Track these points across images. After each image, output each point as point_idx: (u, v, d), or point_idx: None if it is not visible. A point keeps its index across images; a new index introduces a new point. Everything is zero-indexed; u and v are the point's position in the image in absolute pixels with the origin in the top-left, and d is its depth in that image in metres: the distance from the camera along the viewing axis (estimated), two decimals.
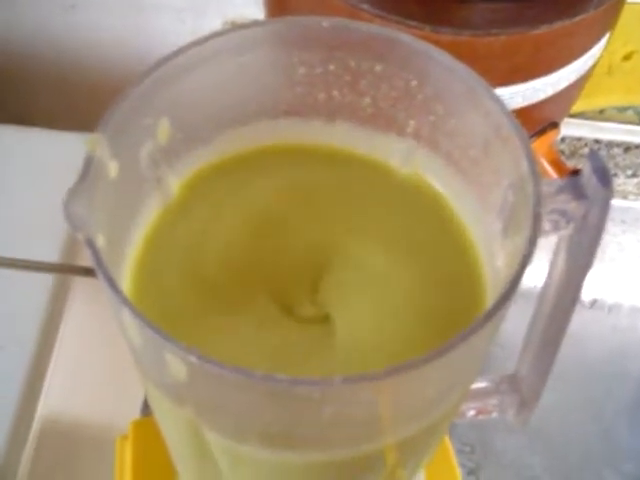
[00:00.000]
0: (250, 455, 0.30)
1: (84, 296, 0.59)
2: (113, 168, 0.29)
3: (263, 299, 0.32)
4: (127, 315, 0.26)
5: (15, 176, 0.65)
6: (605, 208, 0.31)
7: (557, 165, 0.58)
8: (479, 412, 0.41)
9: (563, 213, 0.31)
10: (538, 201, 0.28)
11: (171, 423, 0.33)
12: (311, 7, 0.48)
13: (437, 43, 0.48)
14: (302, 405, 0.27)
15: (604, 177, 0.30)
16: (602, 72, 0.66)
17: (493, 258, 0.33)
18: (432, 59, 0.31)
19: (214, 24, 0.76)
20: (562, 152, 0.72)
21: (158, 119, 0.32)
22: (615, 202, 0.75)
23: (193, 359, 0.25)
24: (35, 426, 0.55)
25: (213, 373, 0.26)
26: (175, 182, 0.34)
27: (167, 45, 0.75)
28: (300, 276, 0.32)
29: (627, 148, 0.73)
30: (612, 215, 0.71)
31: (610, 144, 0.73)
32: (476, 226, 0.33)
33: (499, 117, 0.30)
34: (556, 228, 0.31)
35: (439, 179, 0.34)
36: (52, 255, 0.57)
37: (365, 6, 0.47)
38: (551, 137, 0.57)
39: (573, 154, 0.73)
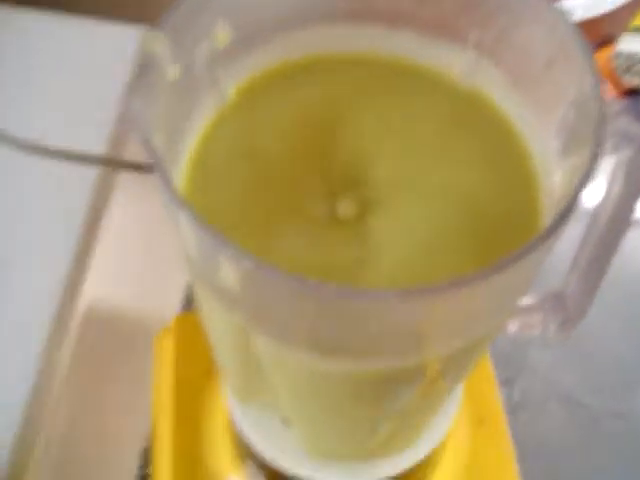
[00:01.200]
0: (295, 360, 0.31)
1: (129, 191, 0.59)
2: (171, 66, 0.29)
3: (313, 200, 0.32)
4: (183, 218, 0.26)
5: (63, 65, 0.65)
6: None
7: (614, 80, 0.57)
8: (521, 328, 0.41)
9: (624, 134, 0.31)
10: (601, 120, 0.28)
11: (218, 324, 0.33)
12: None
13: None
14: (352, 315, 0.27)
15: None
16: None
17: (550, 175, 0.32)
18: None
19: None
20: (617, 67, 0.70)
21: (216, 20, 0.31)
22: None
23: (248, 264, 0.25)
24: (77, 316, 0.56)
25: (266, 279, 0.26)
26: (230, 84, 0.33)
27: None
28: (352, 180, 0.32)
29: None
30: None
31: None
32: (535, 142, 0.33)
33: (564, 32, 0.29)
34: (616, 149, 0.31)
35: (500, 92, 0.34)
36: (99, 147, 0.57)
37: None
38: (608, 51, 0.56)
39: (628, 69, 0.71)
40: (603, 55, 0.55)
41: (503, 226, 0.31)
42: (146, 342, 0.54)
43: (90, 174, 0.55)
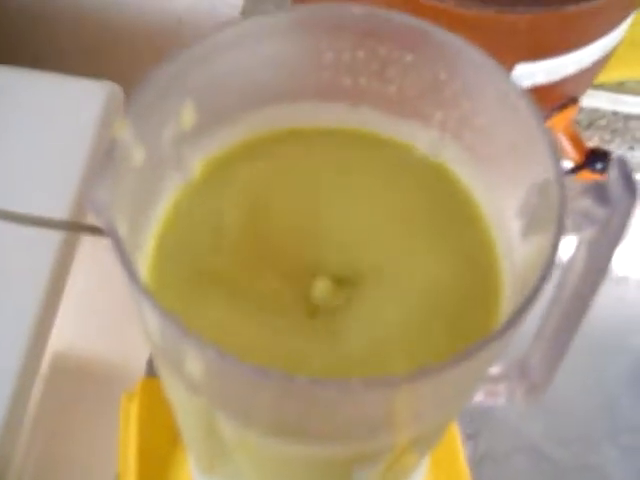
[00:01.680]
0: (260, 442, 0.31)
1: (92, 254, 0.59)
2: (137, 152, 0.29)
3: (278, 283, 0.32)
4: (147, 306, 0.26)
5: (26, 125, 0.64)
6: (628, 215, 0.30)
7: (575, 141, 0.58)
8: (487, 396, 0.41)
9: (586, 215, 0.31)
10: (563, 208, 0.28)
11: (180, 401, 0.33)
12: None
13: (461, 17, 0.48)
14: (317, 404, 0.27)
15: (630, 185, 0.30)
16: (624, 44, 0.66)
17: (512, 253, 0.32)
18: (464, 54, 0.31)
19: None
20: (579, 123, 0.71)
21: (183, 101, 0.31)
22: None
23: (211, 354, 0.25)
24: (43, 368, 0.55)
25: (229, 368, 0.26)
26: (196, 162, 0.33)
27: None
28: (318, 262, 0.32)
29: None
30: None
31: (628, 117, 0.73)
32: (498, 219, 0.33)
33: (529, 119, 0.30)
34: (578, 229, 0.31)
35: (463, 170, 0.34)
36: (62, 212, 0.57)
37: None
38: (571, 113, 0.57)
39: (590, 125, 0.72)
40: (565, 117, 0.56)
41: (468, 310, 0.31)
42: (113, 393, 0.53)
43: (54, 238, 0.55)
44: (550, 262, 0.28)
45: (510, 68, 0.50)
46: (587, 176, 0.58)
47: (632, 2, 0.51)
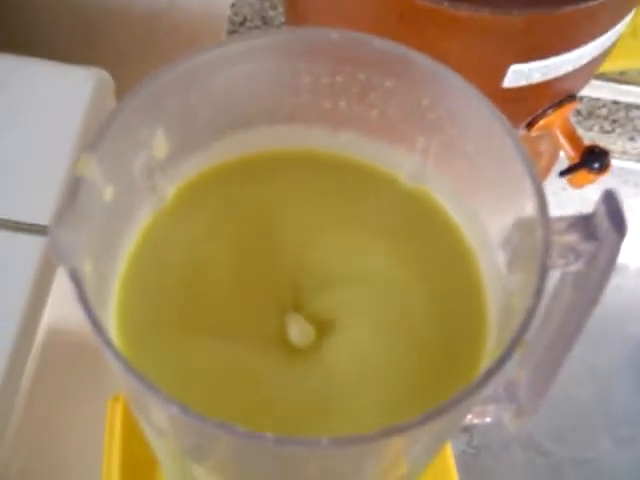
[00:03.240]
0: None
1: None
2: (106, 189, 0.28)
3: (251, 320, 0.31)
4: (112, 358, 0.25)
5: (11, 115, 0.63)
6: (616, 251, 0.29)
7: (572, 139, 0.57)
8: (475, 416, 0.40)
9: (572, 250, 0.30)
10: (547, 249, 0.27)
11: (151, 438, 0.32)
12: None
13: (456, 19, 0.47)
14: (289, 458, 0.26)
15: (617, 220, 0.29)
16: (626, 34, 0.64)
17: (498, 284, 0.31)
18: (446, 81, 0.30)
19: None
20: (579, 112, 0.70)
21: (154, 130, 0.30)
22: (629, 164, 0.73)
23: (174, 410, 0.24)
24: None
25: (194, 424, 0.25)
26: (169, 189, 0.32)
27: None
28: (293, 298, 0.31)
29: None
30: (625, 177, 0.70)
31: (629, 106, 0.71)
32: (481, 250, 0.32)
33: (512, 153, 0.28)
34: (564, 264, 0.30)
35: (446, 198, 0.33)
36: (45, 216, 0.56)
37: None
38: (568, 109, 0.56)
39: (590, 114, 0.71)
40: (563, 114, 0.54)
41: (452, 347, 0.31)
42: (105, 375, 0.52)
43: (38, 243, 0.54)
44: (534, 307, 0.27)
45: (505, 69, 0.48)
46: (584, 176, 0.56)
47: (630, 1, 0.50)
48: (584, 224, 0.29)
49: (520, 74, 0.50)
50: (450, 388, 0.29)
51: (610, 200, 0.29)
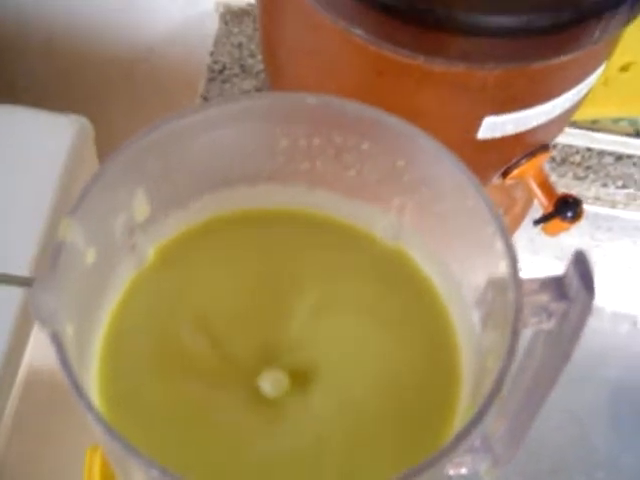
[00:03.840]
0: None
1: None
2: (87, 251, 0.29)
3: (232, 376, 0.31)
4: (93, 421, 0.26)
5: None
6: (586, 310, 0.30)
7: (546, 188, 0.57)
8: (451, 467, 0.40)
9: (544, 309, 0.30)
10: (519, 310, 0.28)
11: None
12: (304, 34, 0.47)
13: (430, 73, 0.48)
14: None
15: (587, 281, 0.29)
16: (598, 82, 0.65)
17: (470, 342, 0.32)
18: (420, 144, 0.30)
19: (206, 5, 0.74)
20: (553, 159, 0.71)
21: (134, 191, 0.31)
22: (602, 210, 0.74)
23: (154, 473, 0.25)
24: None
25: None
26: (150, 247, 0.33)
27: (159, 21, 0.74)
28: (269, 355, 0.32)
29: (619, 157, 0.72)
30: (598, 223, 0.71)
31: (602, 153, 0.72)
32: (455, 309, 0.33)
33: (484, 214, 0.29)
34: (536, 322, 0.31)
35: (422, 256, 0.34)
36: (23, 267, 0.56)
37: (359, 32, 0.46)
38: (541, 160, 0.57)
39: (564, 161, 0.72)
40: (536, 164, 0.55)
41: (426, 406, 0.31)
42: None
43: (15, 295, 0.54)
44: (506, 367, 0.27)
45: (479, 121, 0.49)
46: (558, 224, 0.57)
47: (602, 54, 0.51)
48: (555, 285, 0.30)
49: (494, 126, 0.51)
50: (425, 445, 0.30)
51: (580, 261, 0.30)
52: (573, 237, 0.74)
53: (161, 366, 0.31)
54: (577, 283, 0.29)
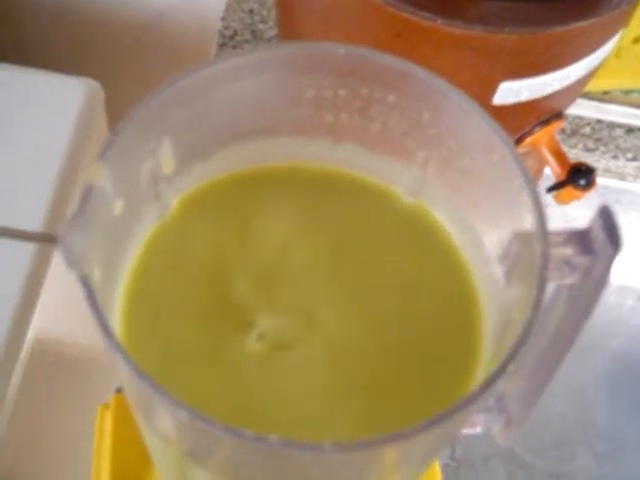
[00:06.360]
0: None
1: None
2: (114, 197, 0.29)
3: (250, 328, 0.31)
4: (121, 363, 0.26)
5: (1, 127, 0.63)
6: (610, 264, 0.30)
7: (559, 156, 0.57)
8: (465, 426, 0.41)
9: (567, 263, 0.30)
10: (545, 263, 0.28)
11: (152, 446, 0.33)
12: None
13: (448, 36, 0.48)
14: (293, 463, 0.26)
15: (613, 235, 0.29)
16: (610, 54, 0.65)
17: (492, 297, 0.32)
18: (447, 96, 0.30)
19: None
20: (563, 130, 0.71)
21: (160, 140, 0.31)
22: (611, 182, 0.74)
23: (183, 414, 0.25)
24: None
25: (202, 428, 0.25)
26: (174, 198, 0.33)
27: None
28: (292, 306, 0.32)
29: (629, 130, 0.72)
30: (607, 196, 0.71)
31: (612, 125, 0.72)
32: (478, 265, 0.33)
33: (511, 168, 0.29)
34: (559, 277, 0.31)
35: (444, 213, 0.33)
36: (35, 223, 0.56)
37: None
38: (555, 127, 0.57)
39: (574, 133, 0.72)
40: (549, 131, 0.55)
41: (447, 359, 0.31)
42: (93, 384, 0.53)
43: (27, 249, 0.54)
44: (532, 319, 0.27)
45: (495, 86, 0.49)
46: (570, 192, 0.57)
47: (619, 22, 0.51)
48: (580, 238, 0.30)
49: (509, 91, 0.51)
50: (443, 398, 0.30)
51: (606, 215, 0.30)
52: (581, 209, 0.74)
53: (180, 312, 0.31)
54: (602, 237, 0.29)
